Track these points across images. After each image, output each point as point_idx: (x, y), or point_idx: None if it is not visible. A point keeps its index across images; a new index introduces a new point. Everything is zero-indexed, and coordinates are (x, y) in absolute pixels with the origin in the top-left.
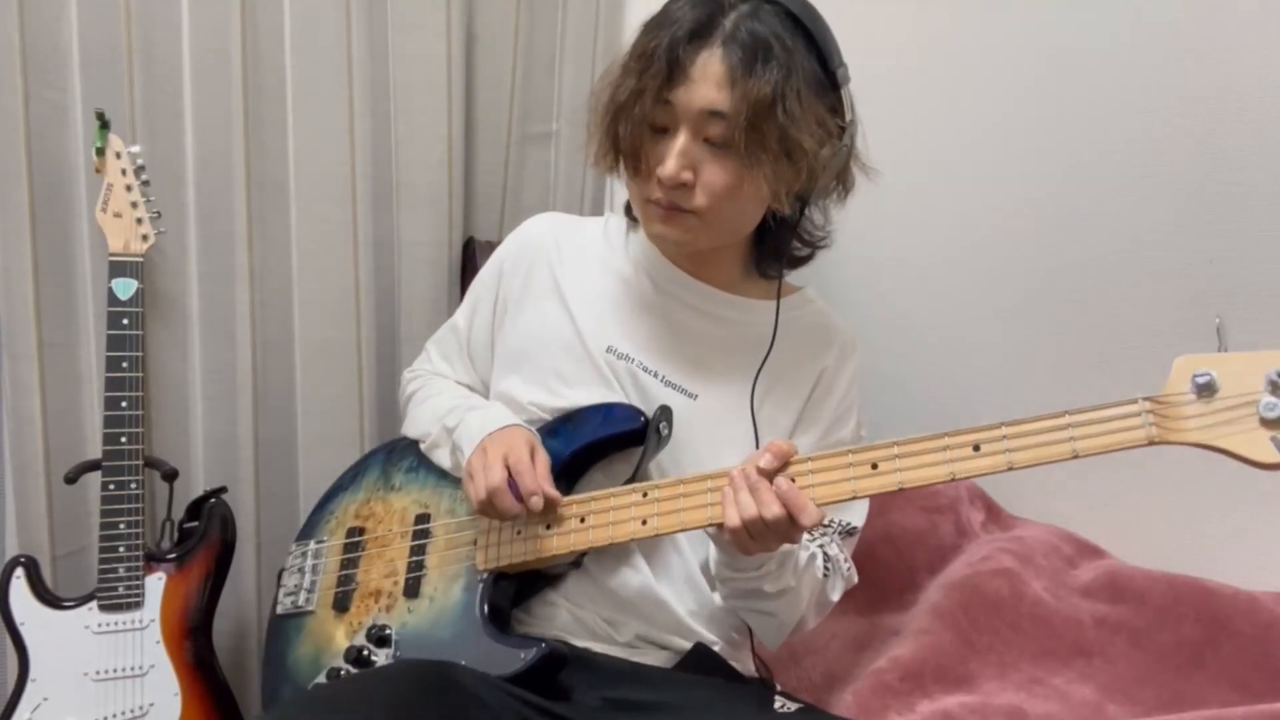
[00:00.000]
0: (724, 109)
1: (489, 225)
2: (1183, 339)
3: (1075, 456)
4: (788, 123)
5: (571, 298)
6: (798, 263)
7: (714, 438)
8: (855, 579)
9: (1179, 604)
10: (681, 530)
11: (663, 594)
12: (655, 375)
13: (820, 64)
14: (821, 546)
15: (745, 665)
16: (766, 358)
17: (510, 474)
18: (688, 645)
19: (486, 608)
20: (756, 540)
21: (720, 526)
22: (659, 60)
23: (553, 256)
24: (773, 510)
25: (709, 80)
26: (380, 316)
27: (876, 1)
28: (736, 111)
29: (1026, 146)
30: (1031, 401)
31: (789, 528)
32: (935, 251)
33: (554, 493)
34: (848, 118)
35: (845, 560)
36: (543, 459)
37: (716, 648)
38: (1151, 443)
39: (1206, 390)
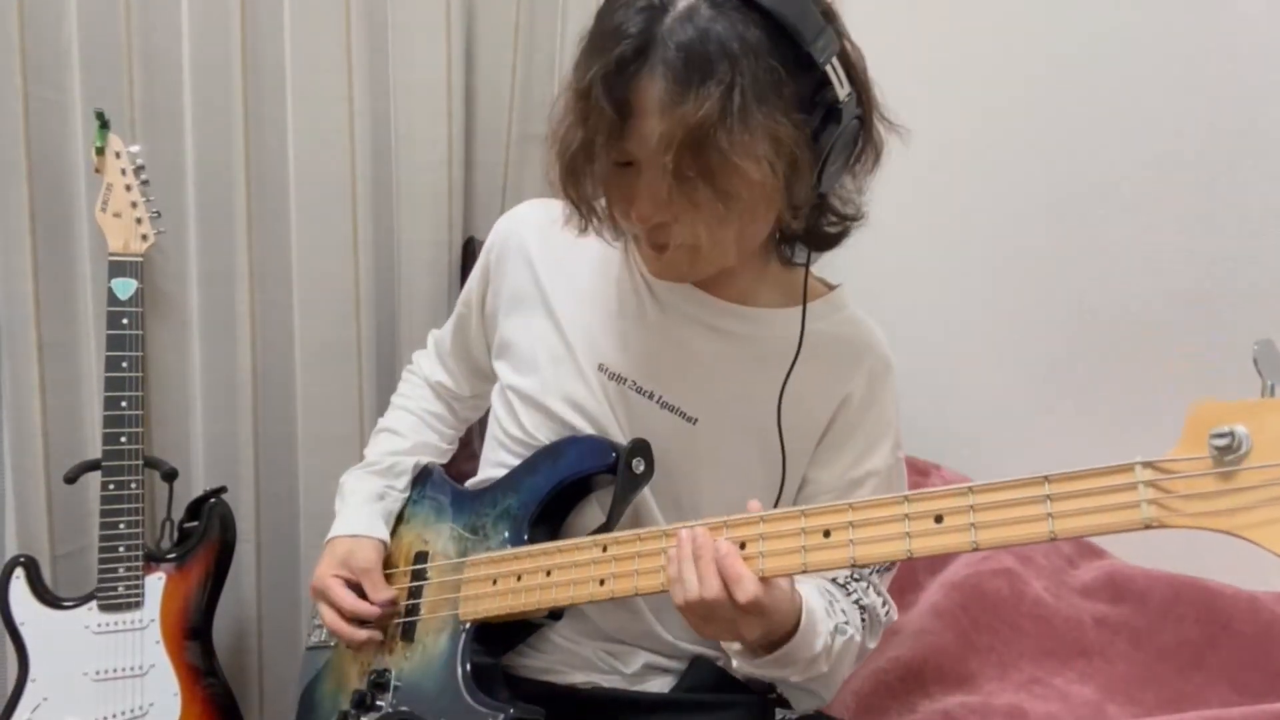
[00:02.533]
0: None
1: (489, 225)
2: (1191, 342)
3: (1053, 539)
4: (729, 150)
5: (560, 308)
6: (829, 241)
7: (715, 467)
8: (895, 616)
9: (1179, 604)
10: (637, 594)
11: (666, 636)
12: (650, 396)
13: (790, 48)
14: (858, 601)
15: None
16: (790, 371)
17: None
18: (685, 665)
19: (469, 665)
20: (709, 624)
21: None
22: (597, 101)
23: (536, 260)
24: (712, 588)
25: (652, 109)
26: (380, 316)
27: (883, 6)
28: (666, 145)
29: (1029, 150)
30: (1032, 410)
31: (733, 611)
32: (934, 258)
33: (373, 610)
34: (843, 93)
35: (884, 603)
36: (370, 578)
37: (719, 662)
38: (1148, 527)
39: (1228, 454)
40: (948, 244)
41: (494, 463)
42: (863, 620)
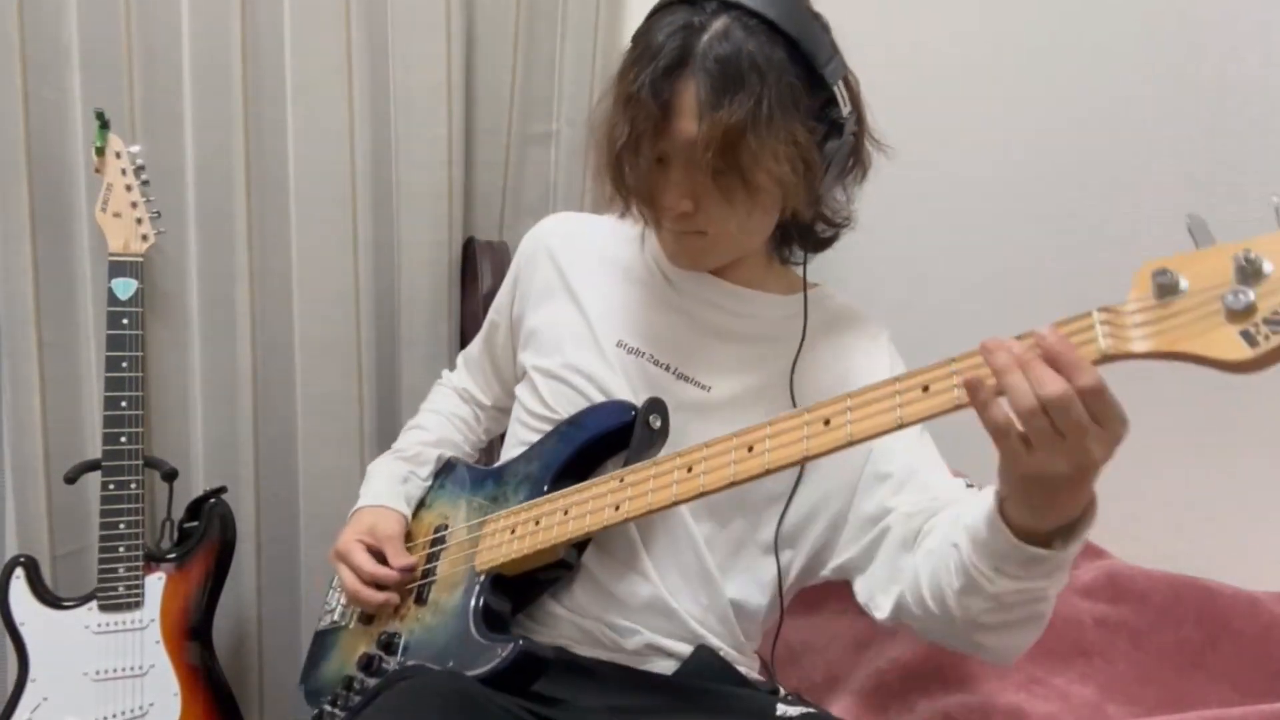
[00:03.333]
0: (698, 139)
1: (489, 225)
2: None
3: None
4: (758, 150)
5: (582, 293)
6: (822, 244)
7: (730, 431)
8: None
9: (1179, 604)
10: (649, 512)
11: (673, 604)
12: (667, 369)
13: (806, 69)
14: None
15: (750, 666)
16: (802, 343)
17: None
18: (689, 651)
19: (480, 603)
20: (1055, 453)
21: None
22: (645, 102)
23: (560, 255)
24: (1057, 383)
25: (688, 111)
26: (380, 316)
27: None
28: (705, 144)
29: (1027, 148)
30: None
31: (1082, 412)
32: (932, 249)
33: (392, 574)
34: (845, 111)
35: None
36: (393, 545)
37: (722, 652)
38: (1106, 358)
39: (1168, 291)
40: (947, 244)
41: (516, 443)
42: None
